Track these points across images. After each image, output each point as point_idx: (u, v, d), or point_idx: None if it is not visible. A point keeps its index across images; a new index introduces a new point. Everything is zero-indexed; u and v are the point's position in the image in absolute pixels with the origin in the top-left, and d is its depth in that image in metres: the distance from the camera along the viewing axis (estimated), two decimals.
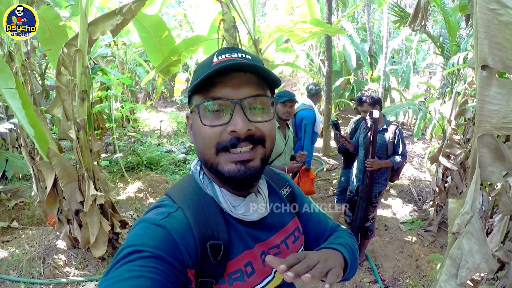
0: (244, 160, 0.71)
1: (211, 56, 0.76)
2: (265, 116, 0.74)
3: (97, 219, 3.27)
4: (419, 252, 3.81)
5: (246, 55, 0.75)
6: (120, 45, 7.84)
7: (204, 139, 0.72)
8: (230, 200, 0.77)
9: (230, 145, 0.70)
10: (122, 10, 2.79)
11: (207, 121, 0.71)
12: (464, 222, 1.24)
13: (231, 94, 0.70)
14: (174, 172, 6.14)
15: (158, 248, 0.63)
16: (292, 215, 0.93)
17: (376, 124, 2.96)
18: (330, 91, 7.53)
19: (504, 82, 1.16)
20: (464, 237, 1.25)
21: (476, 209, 1.26)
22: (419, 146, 8.53)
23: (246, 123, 0.70)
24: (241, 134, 0.69)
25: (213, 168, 0.73)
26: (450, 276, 1.25)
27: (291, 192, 0.98)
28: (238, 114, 0.69)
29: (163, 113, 12.21)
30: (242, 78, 0.71)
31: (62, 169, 3.13)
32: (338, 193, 4.07)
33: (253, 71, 0.72)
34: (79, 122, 3.03)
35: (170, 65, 4.14)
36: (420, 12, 2.71)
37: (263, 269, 0.79)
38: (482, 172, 1.25)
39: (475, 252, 1.24)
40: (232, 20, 3.31)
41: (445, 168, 4.24)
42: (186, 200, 0.75)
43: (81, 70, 2.92)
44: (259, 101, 0.73)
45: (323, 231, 1.00)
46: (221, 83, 0.70)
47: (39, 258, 3.39)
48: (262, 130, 0.73)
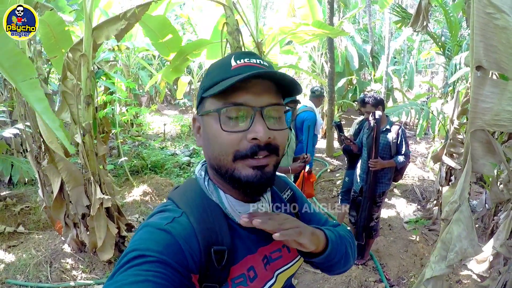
0: (261, 165, 0.71)
1: (227, 59, 0.75)
2: (281, 125, 0.74)
3: (104, 223, 3.28)
4: (423, 251, 3.81)
5: (263, 61, 0.76)
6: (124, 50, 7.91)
7: (221, 145, 0.71)
8: (235, 207, 0.77)
9: (250, 153, 0.69)
10: (127, 15, 2.83)
11: (227, 127, 0.69)
12: (452, 210, 1.31)
13: (252, 101, 0.69)
14: (178, 175, 6.17)
15: (163, 253, 0.63)
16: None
17: (378, 125, 2.98)
18: (333, 92, 7.56)
19: (497, 82, 1.21)
20: (454, 223, 1.31)
21: (464, 199, 1.33)
22: (423, 146, 8.52)
23: (267, 131, 0.69)
24: (262, 142, 0.69)
25: (228, 174, 0.72)
26: (440, 258, 1.32)
27: (293, 195, 0.99)
28: (259, 122, 0.69)
29: (166, 116, 12.28)
30: (263, 86, 0.71)
31: (69, 174, 3.17)
32: (342, 193, 4.09)
33: (276, 79, 0.72)
34: (85, 127, 3.07)
35: (175, 69, 4.17)
36: (421, 13, 2.73)
37: (265, 273, 0.80)
38: (474, 165, 1.31)
39: (463, 238, 1.30)
40: (235, 24, 3.34)
41: (448, 167, 4.25)
42: (190, 206, 0.75)
43: (86, 75, 2.96)
44: (277, 109, 0.74)
45: None
46: (243, 89, 0.69)
47: (46, 262, 3.40)
48: (277, 139, 0.73)
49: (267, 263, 0.82)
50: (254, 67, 0.72)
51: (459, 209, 1.30)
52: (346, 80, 10.12)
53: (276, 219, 0.73)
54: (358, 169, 3.41)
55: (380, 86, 9.49)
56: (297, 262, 0.90)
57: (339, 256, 0.86)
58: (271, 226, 0.70)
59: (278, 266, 0.85)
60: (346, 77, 10.24)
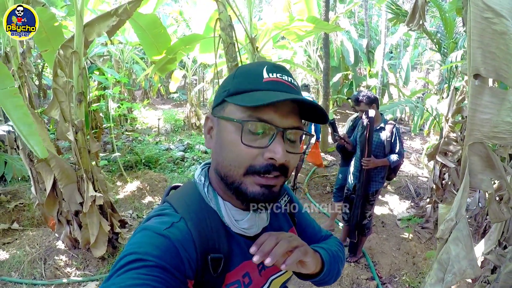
0: (270, 185, 0.70)
1: (259, 68, 0.74)
2: (296, 149, 0.74)
3: (96, 220, 3.28)
4: (416, 249, 3.83)
5: (293, 80, 0.75)
6: (117, 44, 7.82)
7: (237, 157, 0.70)
8: (233, 214, 0.77)
9: (263, 171, 0.69)
10: (118, 11, 2.78)
11: (247, 141, 0.68)
12: (449, 228, 1.26)
13: (277, 121, 0.68)
14: (172, 170, 6.16)
15: (162, 258, 0.63)
16: (290, 226, 0.95)
17: (372, 123, 2.97)
18: (328, 87, 7.52)
19: (496, 91, 1.16)
20: (452, 243, 1.26)
21: (462, 216, 1.28)
22: (417, 142, 8.55)
23: (285, 154, 0.69)
24: (278, 163, 0.69)
25: (234, 185, 0.72)
26: (436, 280, 1.27)
27: (289, 201, 0.99)
28: (279, 143, 0.68)
29: (160, 110, 12.21)
30: (290, 107, 0.70)
31: (61, 171, 3.14)
32: (335, 190, 4.11)
33: (308, 106, 0.72)
34: (77, 124, 3.04)
35: (167, 62, 4.14)
36: (417, 11, 2.71)
37: (259, 279, 0.81)
38: (471, 180, 1.26)
39: (461, 258, 1.25)
40: (228, 19, 3.31)
41: (442, 165, 4.27)
42: (189, 211, 0.74)
43: (78, 72, 2.92)
44: (296, 133, 0.73)
45: (317, 239, 1.03)
46: (271, 107, 0.68)
47: (40, 259, 3.40)
48: (291, 162, 0.72)
49: (262, 269, 0.82)
50: (285, 85, 0.72)
51: (456, 227, 1.25)
52: (341, 75, 10.09)
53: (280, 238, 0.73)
54: (352, 167, 3.41)
55: (376, 81, 9.49)
56: None
57: (332, 275, 0.89)
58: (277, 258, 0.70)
59: (272, 272, 0.85)
60: (341, 72, 10.23)
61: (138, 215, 4.47)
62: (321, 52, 7.92)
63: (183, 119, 10.02)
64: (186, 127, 9.59)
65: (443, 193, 4.36)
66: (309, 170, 6.29)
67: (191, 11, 6.75)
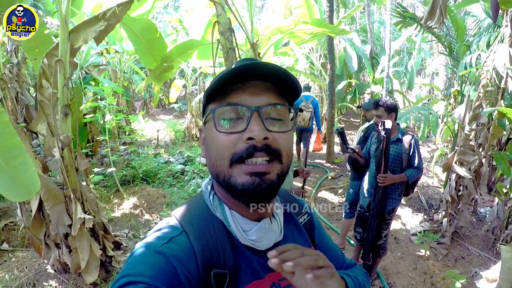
0: (260, 172, 0.65)
1: (230, 66, 0.73)
2: (283, 127, 0.69)
3: (86, 243, 3.05)
4: (433, 268, 3.56)
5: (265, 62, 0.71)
6: (113, 53, 7.60)
7: (218, 149, 0.67)
8: (241, 224, 0.71)
9: (246, 155, 0.64)
10: (106, 14, 2.53)
11: (222, 128, 0.67)
12: None
13: (248, 101, 0.67)
14: (171, 185, 5.86)
15: (155, 278, 0.59)
16: (309, 245, 0.85)
17: (388, 137, 2.65)
18: (333, 95, 7.26)
19: None
20: None
21: None
22: (424, 150, 8.27)
23: (263, 130, 0.65)
24: (258, 142, 0.64)
25: (225, 182, 0.67)
26: None
27: (309, 220, 0.91)
28: (256, 121, 0.65)
29: (161, 121, 12.00)
30: (261, 86, 0.68)
31: (47, 191, 2.89)
32: (346, 206, 3.79)
33: (275, 77, 0.68)
34: (63, 140, 2.78)
35: (164, 71, 3.92)
36: (437, 7, 2.44)
37: None
38: None
39: None
40: (228, 22, 3.06)
41: (458, 176, 3.99)
42: (192, 223, 0.70)
43: (63, 82, 2.67)
44: (277, 110, 0.69)
45: (340, 267, 0.92)
46: (240, 90, 0.67)
47: (28, 284, 3.19)
48: (279, 142, 0.67)
49: None
50: (252, 65, 0.66)
51: None
52: (346, 83, 9.86)
53: (307, 253, 0.65)
54: (366, 182, 3.10)
55: (380, 88, 9.25)
56: None
57: None
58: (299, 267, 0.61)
59: None
60: (344, 79, 10.00)
61: (135, 235, 4.18)
62: (324, 59, 7.71)
63: (183, 130, 9.78)
64: (187, 139, 9.34)
65: (458, 205, 4.07)
66: (315, 182, 6.00)
67: (190, 19, 6.59)
